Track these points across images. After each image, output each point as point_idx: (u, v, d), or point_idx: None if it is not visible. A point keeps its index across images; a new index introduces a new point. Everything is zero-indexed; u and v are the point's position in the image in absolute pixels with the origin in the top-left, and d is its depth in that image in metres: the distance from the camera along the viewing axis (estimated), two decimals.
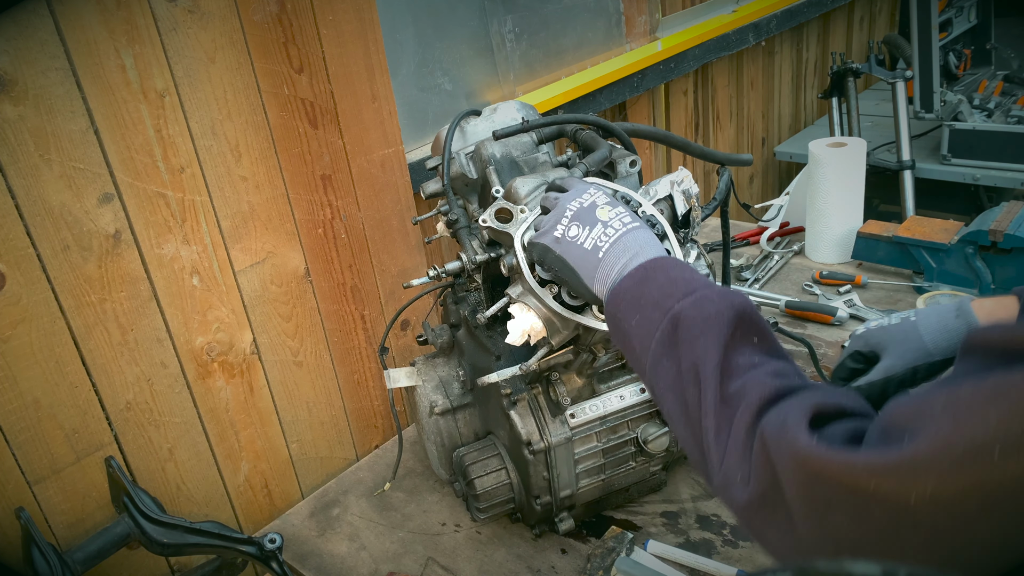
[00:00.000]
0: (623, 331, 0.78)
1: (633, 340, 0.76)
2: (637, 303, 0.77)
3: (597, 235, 0.84)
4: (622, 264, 0.81)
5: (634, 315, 0.76)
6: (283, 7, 1.25)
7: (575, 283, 0.85)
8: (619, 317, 0.78)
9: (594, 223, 0.85)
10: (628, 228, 0.84)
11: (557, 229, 0.87)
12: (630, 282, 0.79)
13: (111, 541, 1.08)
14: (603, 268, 0.82)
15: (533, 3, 1.93)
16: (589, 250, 0.83)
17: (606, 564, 1.15)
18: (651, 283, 0.77)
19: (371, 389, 1.57)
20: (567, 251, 0.85)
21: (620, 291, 0.79)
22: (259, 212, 1.32)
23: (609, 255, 0.82)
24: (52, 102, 1.04)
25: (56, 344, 1.10)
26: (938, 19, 2.60)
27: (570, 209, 0.87)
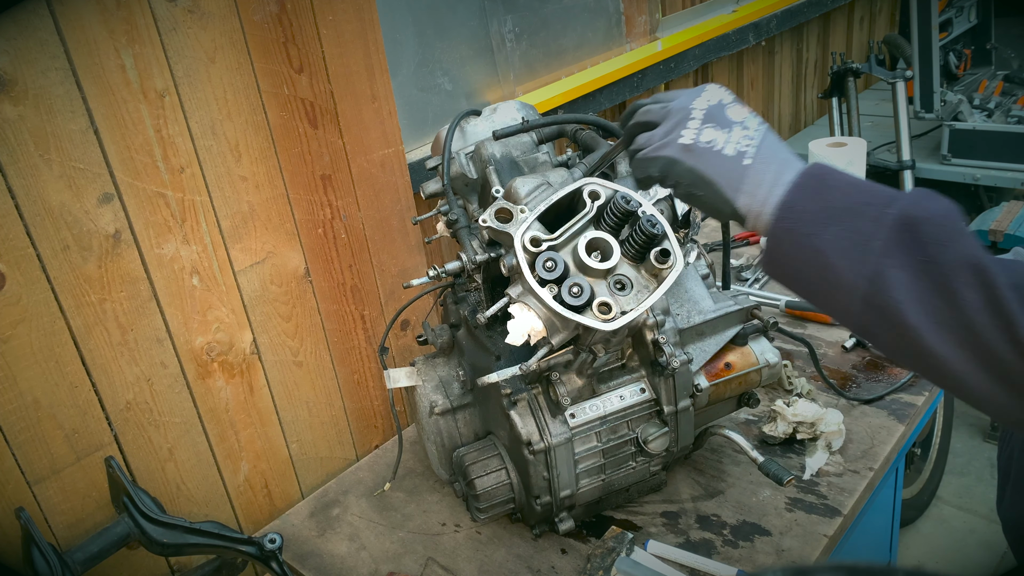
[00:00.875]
0: (811, 248, 0.67)
1: (831, 255, 0.66)
2: (827, 214, 0.67)
3: (738, 139, 0.74)
4: (773, 173, 0.72)
5: (827, 227, 0.66)
6: (283, 7, 1.25)
7: (712, 198, 0.75)
8: (802, 232, 0.68)
9: (730, 124, 0.75)
10: (765, 128, 0.75)
11: (684, 134, 0.75)
12: (806, 193, 0.69)
13: (111, 541, 1.08)
14: (751, 178, 0.72)
15: (533, 3, 1.92)
16: (731, 156, 0.73)
17: (606, 564, 1.15)
18: (835, 191, 0.68)
19: (371, 389, 1.57)
20: (702, 160, 0.74)
21: (795, 204, 0.69)
22: (259, 212, 1.32)
23: (758, 162, 0.73)
24: (52, 102, 1.04)
25: (56, 344, 1.10)
26: (938, 19, 2.60)
27: (698, 108, 0.76)
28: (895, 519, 1.70)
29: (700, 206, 0.78)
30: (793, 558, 1.16)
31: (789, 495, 1.26)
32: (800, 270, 0.70)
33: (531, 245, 0.94)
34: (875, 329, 0.67)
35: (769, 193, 0.71)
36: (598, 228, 0.98)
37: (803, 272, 0.69)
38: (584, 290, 0.92)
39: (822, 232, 0.67)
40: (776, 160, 0.72)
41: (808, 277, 0.69)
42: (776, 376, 1.25)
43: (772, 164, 0.72)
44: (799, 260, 0.69)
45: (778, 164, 0.72)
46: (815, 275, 0.68)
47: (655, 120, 0.81)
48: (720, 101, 0.77)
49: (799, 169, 0.72)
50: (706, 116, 0.75)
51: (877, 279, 0.63)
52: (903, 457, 1.58)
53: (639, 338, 1.15)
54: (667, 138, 0.77)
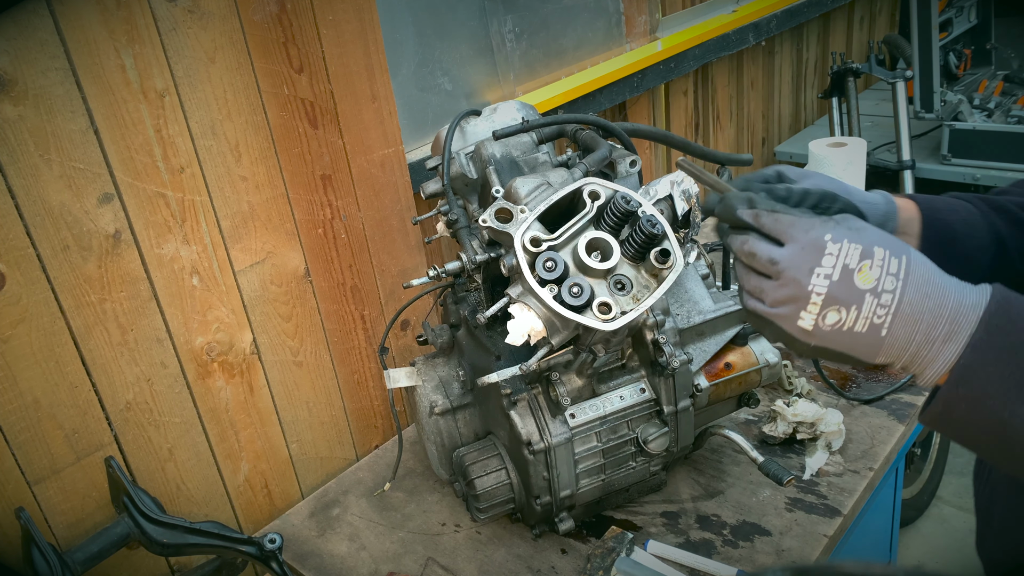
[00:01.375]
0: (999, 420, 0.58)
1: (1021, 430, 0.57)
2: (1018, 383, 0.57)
3: (869, 312, 0.63)
4: (920, 335, 0.62)
5: (1019, 399, 0.57)
6: (283, 7, 1.25)
7: (843, 361, 0.68)
8: (987, 404, 0.59)
9: (860, 298, 0.63)
10: (904, 280, 0.63)
11: (805, 318, 0.65)
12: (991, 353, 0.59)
13: (111, 541, 1.08)
14: (891, 344, 0.64)
15: (533, 3, 1.92)
16: (864, 333, 0.64)
17: (606, 564, 1.15)
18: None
19: (371, 389, 1.57)
20: (828, 340, 0.65)
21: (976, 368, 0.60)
22: (259, 212, 1.32)
23: (895, 331, 0.63)
24: (52, 102, 1.04)
25: (56, 344, 1.10)
26: (938, 19, 2.60)
27: (817, 293, 0.64)
28: (895, 519, 1.70)
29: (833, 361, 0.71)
30: (793, 558, 1.16)
31: (789, 495, 1.26)
32: (980, 435, 0.62)
33: (531, 245, 0.94)
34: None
35: (919, 357, 0.63)
36: (598, 228, 0.98)
37: (984, 438, 0.61)
38: (584, 290, 0.92)
39: (1014, 403, 0.57)
40: (923, 320, 0.62)
41: (990, 444, 0.61)
42: (776, 376, 1.25)
43: (918, 326, 0.62)
44: (979, 429, 0.61)
45: (929, 323, 0.62)
46: (1000, 445, 0.60)
47: (762, 271, 0.68)
48: (844, 268, 0.64)
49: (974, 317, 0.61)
50: (828, 299, 0.64)
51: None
52: (903, 457, 1.58)
53: (639, 338, 1.15)
54: (782, 310, 0.66)
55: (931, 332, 0.62)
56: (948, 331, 0.62)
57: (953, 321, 0.62)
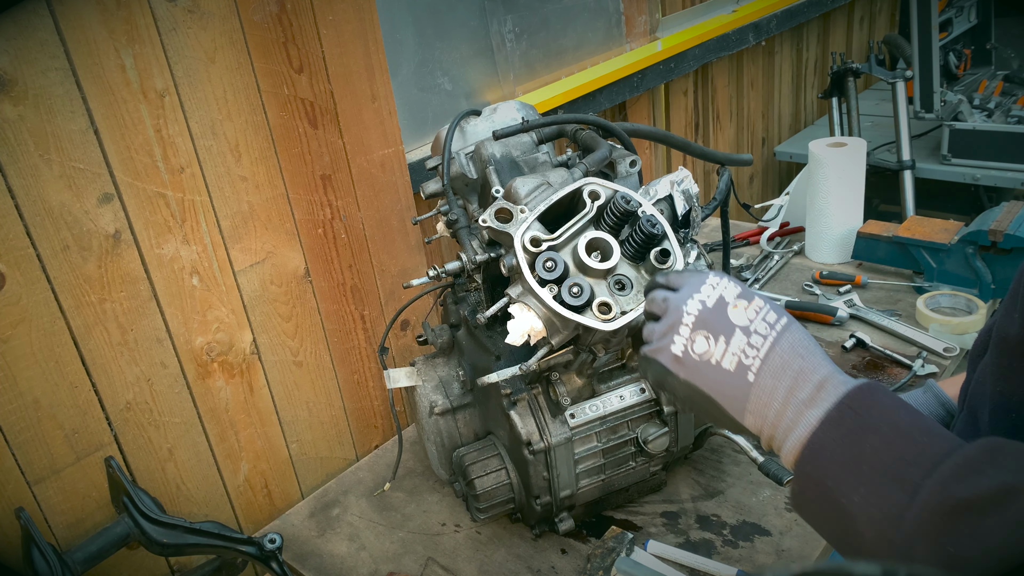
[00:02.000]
0: (838, 506, 0.57)
1: (857, 521, 0.56)
2: (856, 468, 0.56)
3: (738, 349, 0.63)
4: (784, 390, 0.61)
5: (856, 487, 0.56)
6: (283, 7, 1.25)
7: (716, 415, 0.65)
8: (828, 486, 0.58)
9: (730, 331, 0.64)
10: (778, 332, 0.63)
11: (676, 342, 0.66)
12: (838, 433, 0.58)
13: (111, 541, 1.08)
14: (757, 397, 0.62)
15: (533, 3, 1.93)
16: (732, 372, 0.63)
17: (606, 564, 1.15)
18: (873, 437, 0.56)
19: (371, 389, 1.57)
20: (697, 374, 0.65)
21: (822, 448, 0.58)
22: (259, 212, 1.32)
23: (763, 378, 0.62)
24: (52, 102, 1.04)
25: (56, 344, 1.10)
26: (938, 19, 2.60)
27: (688, 313, 0.66)
28: None
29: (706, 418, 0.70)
30: (793, 558, 1.16)
31: (789, 495, 1.26)
32: (825, 524, 0.60)
33: (531, 245, 0.94)
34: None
35: (782, 420, 0.61)
36: (598, 228, 0.98)
37: (828, 528, 0.60)
38: (584, 290, 0.92)
39: (851, 492, 0.56)
40: (791, 373, 0.61)
41: (834, 534, 0.60)
42: None
43: (784, 378, 0.61)
44: (823, 516, 0.59)
45: (792, 377, 0.61)
46: (841, 536, 0.58)
47: (656, 312, 0.71)
48: (720, 299, 0.65)
49: (837, 391, 0.60)
50: (698, 321, 0.65)
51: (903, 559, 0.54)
52: None
53: (639, 338, 1.15)
54: (660, 342, 0.68)
55: (797, 391, 0.60)
56: (812, 396, 0.60)
57: (820, 388, 0.60)
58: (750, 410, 0.62)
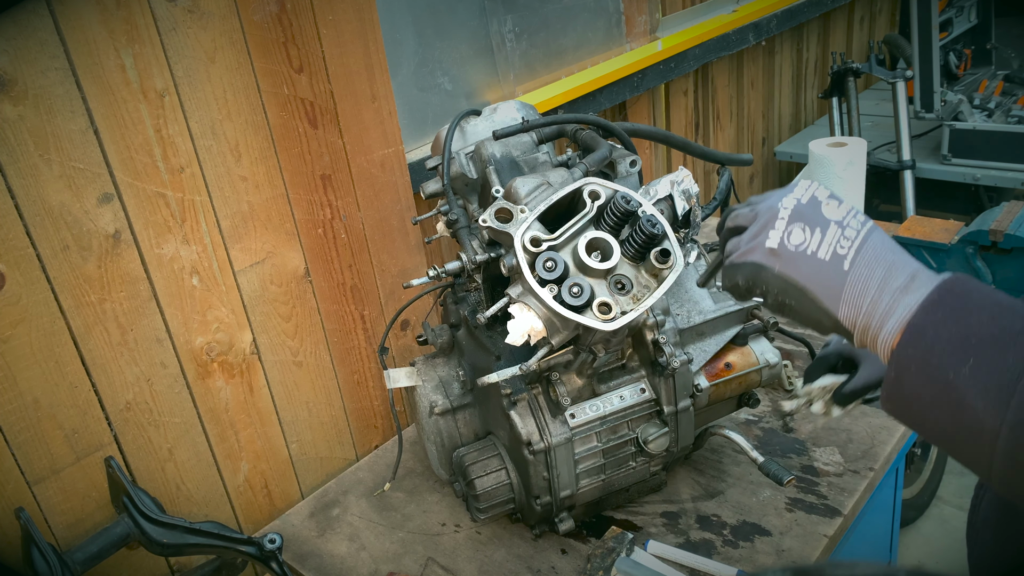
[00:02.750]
0: (945, 384, 0.57)
1: (968, 393, 0.55)
2: (963, 342, 0.56)
3: (833, 240, 0.65)
4: (880, 278, 0.63)
5: (964, 359, 0.56)
6: (283, 7, 1.25)
7: (807, 308, 0.66)
8: (933, 363, 0.58)
9: (825, 224, 0.66)
10: (869, 228, 0.65)
11: (771, 236, 0.67)
12: (943, 313, 0.59)
13: (111, 541, 1.08)
14: (853, 286, 0.63)
15: (533, 3, 1.92)
16: (827, 261, 0.64)
17: (606, 564, 1.15)
18: (979, 313, 0.57)
19: (371, 389, 1.57)
20: (792, 265, 0.66)
21: (927, 327, 0.59)
22: (259, 212, 1.32)
23: (858, 267, 0.64)
24: (52, 102, 1.04)
25: (56, 344, 1.10)
26: (938, 19, 2.60)
27: (785, 207, 0.68)
28: (895, 519, 1.70)
29: (796, 318, 0.68)
30: (793, 558, 1.16)
31: (789, 495, 1.26)
32: (929, 409, 0.59)
33: (531, 245, 0.94)
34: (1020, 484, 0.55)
35: (879, 306, 0.62)
36: (598, 228, 0.98)
37: (933, 412, 0.59)
38: (584, 290, 0.92)
39: (959, 364, 0.56)
40: (884, 264, 0.63)
41: (939, 419, 0.58)
42: (776, 376, 1.25)
43: (878, 267, 0.63)
44: (929, 397, 0.58)
45: (885, 269, 0.63)
46: (948, 418, 0.57)
47: (743, 224, 0.73)
48: (813, 197, 0.67)
49: (931, 280, 0.61)
50: (794, 214, 0.67)
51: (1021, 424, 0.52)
52: (903, 457, 1.58)
53: (639, 338, 1.15)
54: (753, 242, 0.69)
55: (891, 280, 0.62)
56: (907, 284, 0.62)
57: (914, 277, 0.62)
58: (845, 299, 0.63)
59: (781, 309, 0.69)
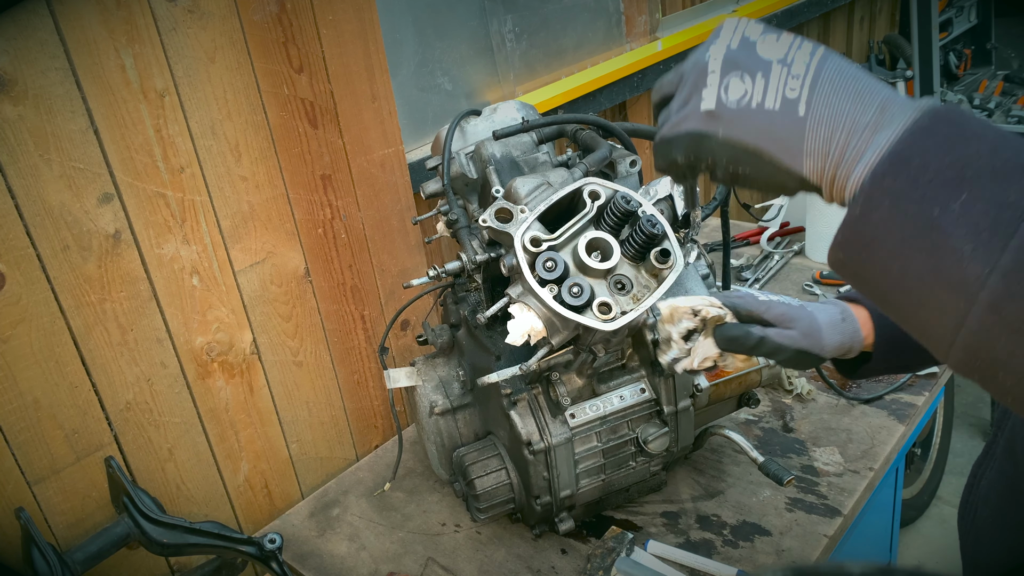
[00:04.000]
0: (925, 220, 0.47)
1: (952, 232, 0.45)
2: (958, 173, 0.46)
3: (780, 82, 0.53)
4: (846, 117, 0.52)
5: (956, 194, 0.46)
6: (283, 7, 1.25)
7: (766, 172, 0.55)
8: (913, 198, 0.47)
9: (765, 66, 0.54)
10: (819, 58, 0.53)
11: (705, 97, 0.55)
12: (934, 140, 0.48)
13: (111, 541, 1.08)
14: (815, 131, 0.52)
15: (533, 3, 1.92)
16: (778, 111, 0.53)
17: (606, 564, 1.15)
18: (976, 142, 0.47)
19: (371, 389, 1.57)
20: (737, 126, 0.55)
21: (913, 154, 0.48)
22: (259, 212, 1.32)
23: (816, 108, 0.52)
24: (52, 102, 1.04)
25: (56, 344, 1.10)
26: (938, 19, 2.60)
27: (714, 59, 0.56)
28: (895, 519, 1.70)
29: (755, 187, 0.58)
30: (793, 558, 1.16)
31: (789, 495, 1.26)
32: (895, 255, 0.48)
33: (531, 245, 0.94)
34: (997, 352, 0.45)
35: (848, 148, 0.51)
36: (598, 228, 0.98)
37: (899, 260, 0.48)
38: (584, 290, 0.92)
39: (948, 199, 0.46)
40: (847, 97, 0.52)
41: (905, 268, 0.48)
42: (776, 376, 1.25)
43: (842, 103, 0.52)
44: (899, 240, 0.48)
45: (851, 102, 0.51)
46: (919, 265, 0.47)
47: (670, 92, 0.62)
48: (744, 38, 0.55)
49: (907, 108, 0.50)
50: (726, 64, 0.55)
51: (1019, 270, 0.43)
52: (903, 457, 1.58)
53: (639, 338, 1.15)
54: (685, 108, 0.58)
55: (857, 116, 0.51)
56: (876, 119, 0.51)
57: (883, 110, 0.51)
58: (808, 151, 0.53)
59: (736, 179, 0.58)
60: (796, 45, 0.54)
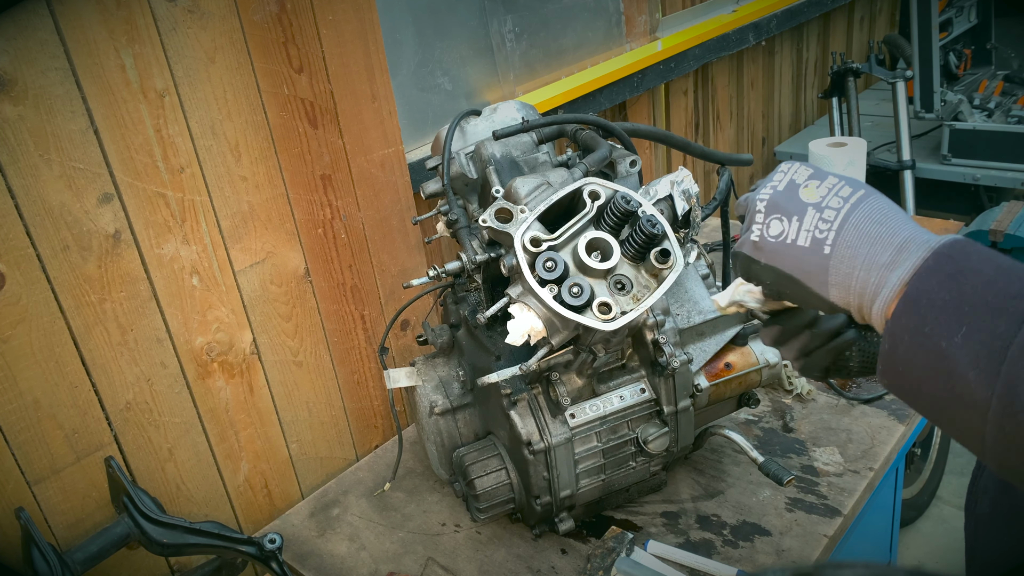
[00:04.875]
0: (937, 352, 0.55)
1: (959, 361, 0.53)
2: (957, 308, 0.54)
3: (811, 225, 0.64)
4: (864, 256, 0.61)
5: (958, 327, 0.54)
6: (283, 7, 1.25)
7: (802, 294, 0.66)
8: (925, 332, 0.56)
9: (802, 210, 0.65)
10: (852, 203, 0.63)
11: (753, 230, 0.68)
12: (936, 279, 0.57)
13: (111, 541, 1.08)
14: (837, 268, 0.62)
15: (533, 3, 1.92)
16: (807, 248, 0.64)
17: (606, 564, 1.15)
18: (974, 277, 0.55)
19: (371, 389, 1.57)
20: (775, 256, 0.66)
21: (920, 295, 0.57)
22: (259, 212, 1.32)
23: (840, 249, 0.62)
24: (52, 102, 1.04)
25: (56, 344, 1.10)
26: (938, 19, 2.60)
27: (761, 200, 0.68)
28: (895, 519, 1.70)
29: (797, 303, 0.70)
30: (793, 558, 1.16)
31: (789, 495, 1.26)
32: (923, 381, 0.56)
33: (531, 245, 0.94)
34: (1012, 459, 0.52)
35: (867, 286, 0.61)
36: (598, 228, 0.98)
37: (926, 384, 0.56)
38: (584, 290, 0.92)
39: (951, 332, 0.54)
40: (868, 240, 0.61)
41: (932, 391, 0.56)
42: (776, 376, 1.25)
43: (862, 246, 0.61)
44: (921, 368, 0.56)
45: (871, 244, 0.60)
46: (941, 389, 0.55)
47: (740, 214, 0.74)
48: (791, 182, 0.67)
49: (922, 247, 0.58)
50: (770, 206, 0.67)
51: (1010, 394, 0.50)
52: (903, 457, 1.58)
53: (639, 338, 1.15)
54: (744, 235, 0.70)
55: (875, 257, 0.60)
56: (893, 259, 0.60)
57: (901, 250, 0.60)
58: (832, 283, 0.63)
59: (780, 296, 0.70)
60: (836, 191, 0.64)
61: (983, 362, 0.52)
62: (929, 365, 0.56)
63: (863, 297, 0.61)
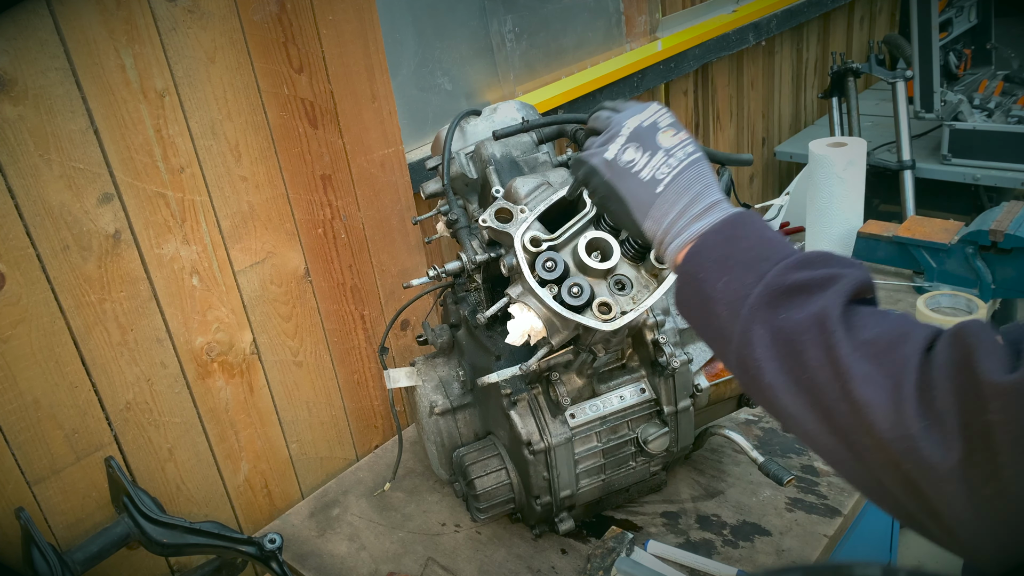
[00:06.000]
0: (704, 295, 0.69)
1: (718, 304, 0.67)
2: (724, 263, 0.68)
3: (657, 165, 0.75)
4: (682, 205, 0.73)
5: (721, 276, 0.68)
6: (283, 7, 1.25)
7: (622, 215, 0.78)
8: (700, 277, 0.69)
9: (655, 149, 0.75)
10: (691, 160, 0.75)
11: (609, 149, 0.78)
12: (716, 238, 0.70)
13: (111, 541, 1.08)
14: (659, 207, 0.74)
15: (533, 3, 1.92)
16: (645, 182, 0.75)
17: (606, 564, 1.15)
18: (742, 242, 0.69)
19: (371, 389, 1.57)
20: (619, 178, 0.77)
21: (703, 248, 0.71)
22: (259, 212, 1.32)
23: (668, 192, 0.74)
24: (52, 102, 1.04)
25: (56, 344, 1.10)
26: (938, 19, 2.60)
27: (627, 127, 0.77)
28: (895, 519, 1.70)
29: (613, 218, 0.81)
30: (793, 558, 1.16)
31: (789, 495, 1.26)
32: (697, 316, 0.72)
33: (531, 245, 0.94)
34: (746, 385, 0.67)
35: (674, 227, 0.73)
36: (598, 228, 0.98)
37: (699, 319, 0.71)
38: (584, 290, 0.92)
39: (716, 280, 0.68)
40: (689, 192, 0.73)
41: (701, 323, 0.72)
42: None
43: (684, 196, 0.73)
44: (696, 307, 0.71)
45: (690, 197, 0.73)
46: (705, 322, 0.70)
47: (599, 128, 0.83)
48: (655, 123, 0.77)
49: (724, 212, 0.72)
50: (632, 135, 0.77)
51: (744, 335, 0.64)
52: None
53: (639, 338, 1.15)
54: (597, 148, 0.79)
55: (691, 208, 0.73)
56: (702, 212, 0.73)
57: (711, 208, 0.73)
58: (651, 216, 0.75)
59: (604, 208, 0.81)
60: (683, 145, 0.76)
61: (732, 305, 0.66)
62: (700, 305, 0.70)
63: (667, 235, 0.74)
